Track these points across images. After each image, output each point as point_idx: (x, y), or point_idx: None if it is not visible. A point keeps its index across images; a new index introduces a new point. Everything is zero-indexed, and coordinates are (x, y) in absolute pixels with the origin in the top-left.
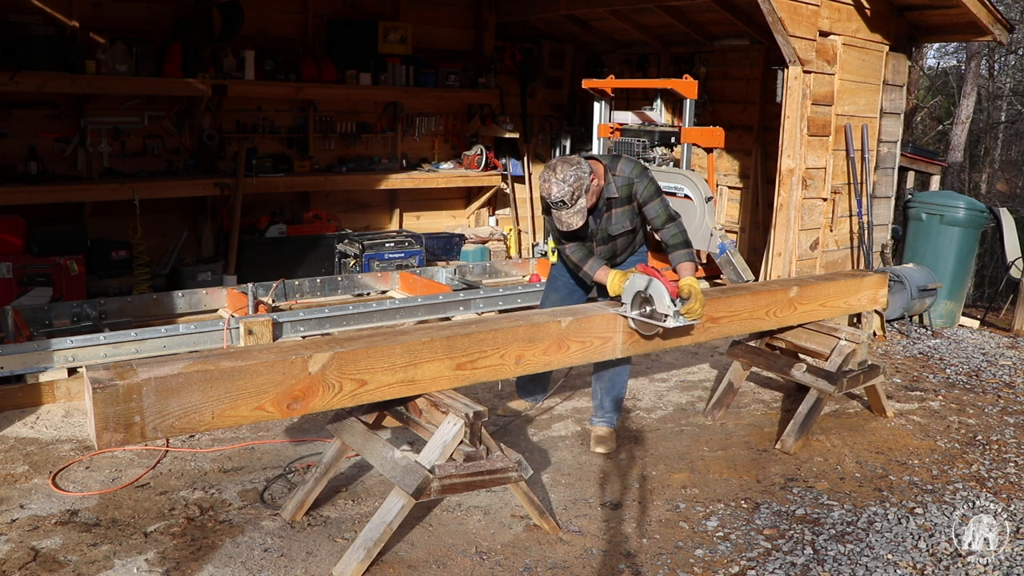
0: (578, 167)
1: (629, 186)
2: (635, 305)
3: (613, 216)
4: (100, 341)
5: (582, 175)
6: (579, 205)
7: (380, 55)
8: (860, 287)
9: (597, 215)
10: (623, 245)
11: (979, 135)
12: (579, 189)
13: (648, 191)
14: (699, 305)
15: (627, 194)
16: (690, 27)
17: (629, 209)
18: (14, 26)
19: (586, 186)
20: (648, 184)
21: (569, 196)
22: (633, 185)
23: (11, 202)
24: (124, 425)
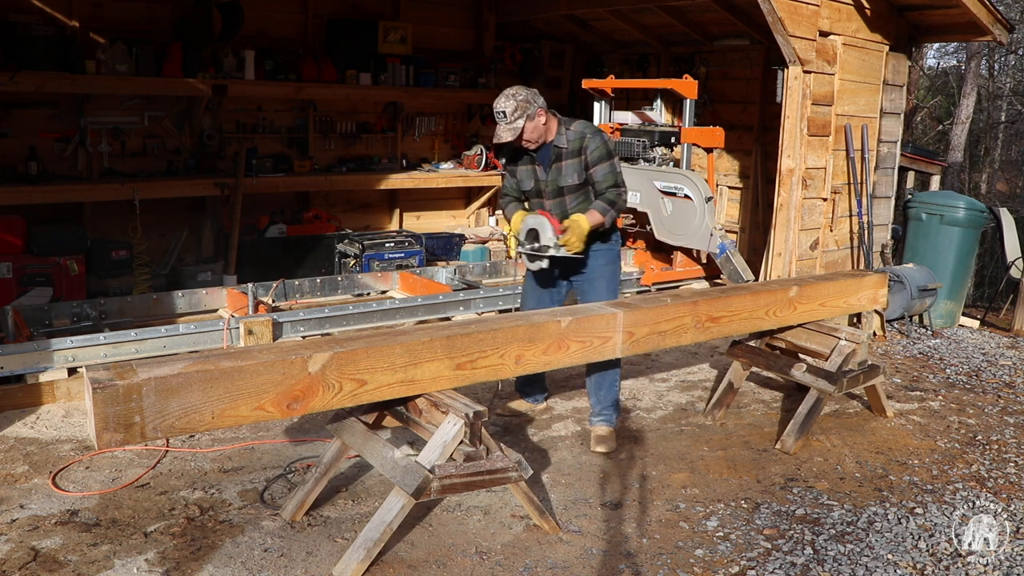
0: (531, 94)
1: (580, 139)
2: (527, 239)
3: (563, 168)
4: (100, 341)
5: (531, 100)
6: (517, 124)
7: (380, 55)
8: (860, 287)
9: (547, 166)
10: (575, 210)
11: (979, 135)
12: (523, 109)
13: (600, 151)
14: (575, 238)
15: (577, 147)
16: (690, 27)
17: (578, 162)
18: (14, 26)
19: (531, 112)
20: (601, 144)
21: (512, 109)
22: (585, 139)
23: (11, 202)
24: (124, 425)
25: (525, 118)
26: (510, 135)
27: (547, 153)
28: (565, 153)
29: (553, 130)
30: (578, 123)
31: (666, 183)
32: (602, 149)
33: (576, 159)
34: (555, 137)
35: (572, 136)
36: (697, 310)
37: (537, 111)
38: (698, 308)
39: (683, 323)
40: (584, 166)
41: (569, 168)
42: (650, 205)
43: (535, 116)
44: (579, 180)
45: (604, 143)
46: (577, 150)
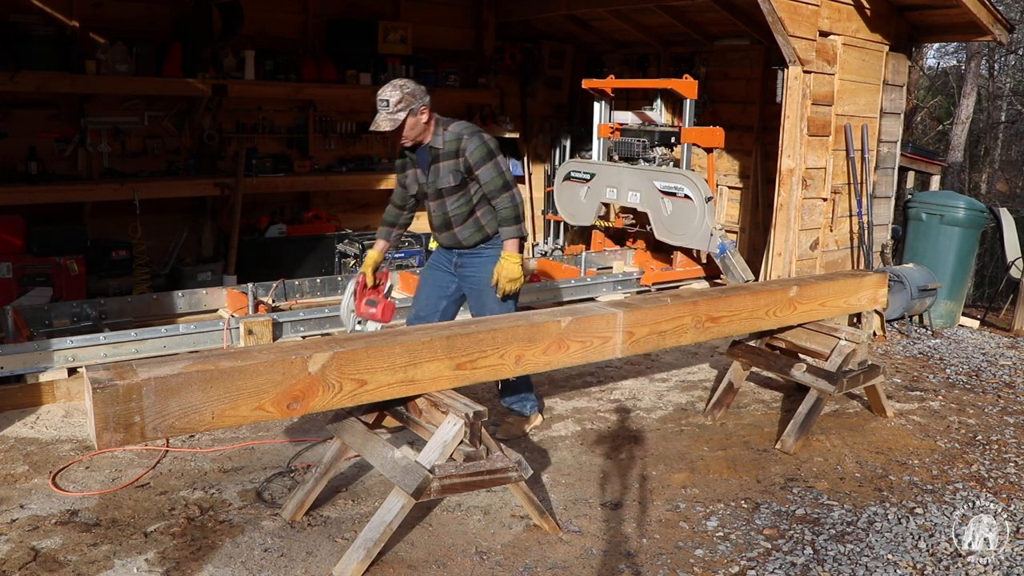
0: (419, 90)
1: (457, 141)
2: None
3: (440, 169)
4: (100, 341)
5: (417, 94)
6: (398, 116)
7: (380, 55)
8: (860, 287)
9: (425, 168)
10: (456, 212)
11: (979, 135)
12: (408, 102)
13: (479, 152)
14: (507, 283)
15: (454, 148)
16: (690, 27)
17: (454, 164)
18: (14, 26)
19: (415, 107)
20: (480, 145)
21: (396, 100)
22: (461, 141)
23: (11, 202)
24: (124, 425)
25: (408, 112)
26: (389, 125)
27: (424, 155)
28: (441, 155)
29: (431, 131)
30: (456, 123)
31: (666, 183)
32: (482, 149)
33: (453, 160)
34: (431, 138)
35: (448, 137)
36: (697, 310)
37: (421, 108)
38: (698, 308)
39: (683, 323)
40: (465, 168)
41: (445, 170)
42: (650, 205)
43: (418, 113)
44: (456, 182)
45: (484, 143)
46: (454, 151)
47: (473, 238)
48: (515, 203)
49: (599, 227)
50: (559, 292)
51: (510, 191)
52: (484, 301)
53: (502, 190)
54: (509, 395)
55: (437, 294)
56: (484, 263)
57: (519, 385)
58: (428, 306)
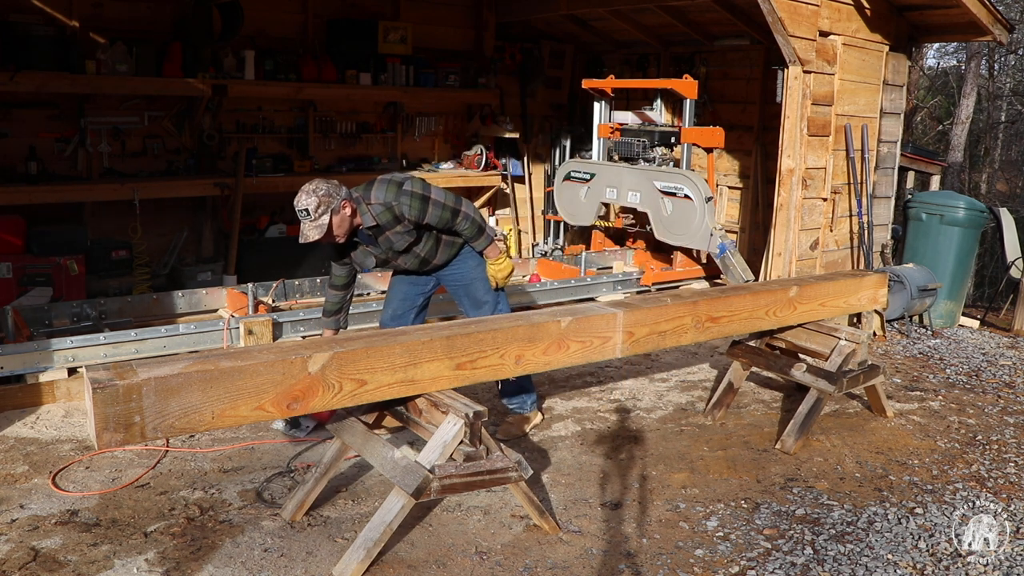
0: (332, 187)
1: (389, 211)
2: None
3: (391, 237)
4: (100, 341)
5: (333, 194)
6: (322, 221)
7: (380, 55)
8: (860, 287)
9: (372, 243)
10: (427, 252)
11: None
12: (326, 204)
13: (414, 209)
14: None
15: (391, 218)
16: (690, 27)
17: (401, 228)
18: (14, 26)
19: (335, 206)
20: (411, 201)
21: (315, 206)
22: (393, 209)
23: (11, 202)
24: (124, 425)
25: (330, 213)
26: (317, 233)
27: (364, 235)
28: (381, 227)
29: (358, 215)
30: (376, 190)
31: (666, 183)
32: (415, 204)
33: (398, 226)
34: (363, 220)
35: (378, 211)
36: (697, 310)
37: (342, 203)
38: (698, 308)
39: (683, 323)
40: (414, 225)
41: (396, 236)
42: (650, 205)
43: (340, 209)
44: (413, 238)
45: (412, 196)
46: (393, 219)
47: (447, 256)
48: (471, 220)
49: (599, 227)
50: (559, 292)
51: (460, 211)
52: (473, 292)
53: (453, 217)
54: (510, 394)
55: (415, 291)
56: (462, 259)
57: (520, 383)
58: (405, 303)
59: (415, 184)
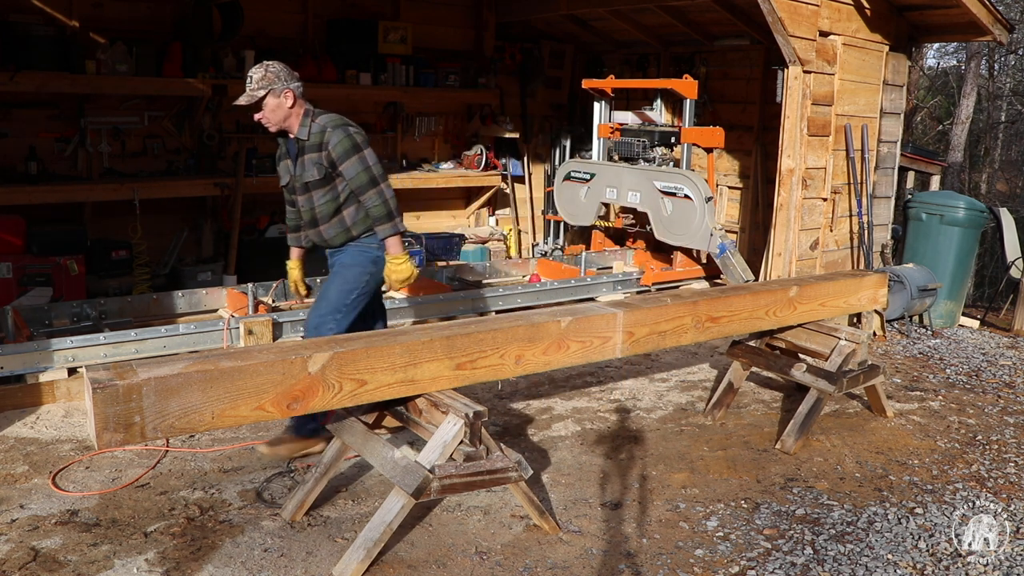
0: (286, 73)
1: (321, 133)
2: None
3: (305, 162)
4: (100, 341)
5: (282, 76)
6: (257, 93)
7: (380, 55)
8: (860, 287)
9: (294, 160)
10: (323, 210)
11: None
12: (270, 82)
13: (342, 145)
14: (397, 283)
15: (318, 142)
16: (690, 27)
17: (318, 157)
18: (14, 26)
19: (276, 88)
20: (344, 138)
21: (259, 77)
22: (326, 133)
23: (11, 202)
24: (124, 425)
25: (268, 91)
26: (245, 100)
27: (292, 146)
28: (307, 147)
29: (298, 121)
30: (325, 116)
31: (666, 183)
32: (346, 142)
33: (317, 154)
34: (299, 129)
35: (315, 129)
36: (697, 310)
37: (285, 91)
38: (698, 308)
39: (683, 323)
40: (329, 163)
41: (310, 163)
42: (650, 205)
43: (281, 95)
44: (320, 176)
45: (348, 136)
46: (318, 144)
47: (339, 238)
48: (384, 199)
49: (599, 227)
50: (559, 292)
51: (377, 187)
52: (327, 285)
53: (368, 186)
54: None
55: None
56: (356, 250)
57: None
58: None
59: (359, 135)
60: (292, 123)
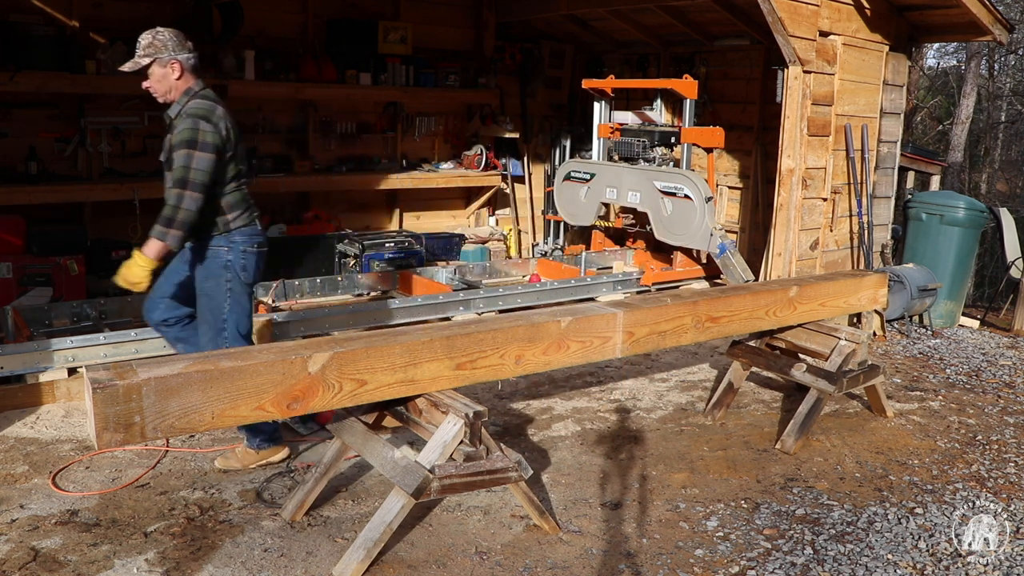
0: (176, 43)
1: (180, 118)
2: None
3: (165, 141)
4: (100, 341)
5: (171, 46)
6: (141, 61)
7: (380, 55)
8: (860, 287)
9: (167, 132)
10: (168, 193)
11: (979, 135)
12: (155, 48)
13: (182, 135)
14: (120, 280)
15: (174, 124)
16: (690, 27)
17: (168, 139)
18: (14, 26)
19: (163, 58)
20: (187, 129)
21: (146, 44)
22: (182, 116)
23: (11, 202)
24: (124, 425)
25: (154, 60)
26: (129, 66)
27: (168, 121)
28: (171, 126)
29: (178, 97)
30: (198, 101)
31: (666, 183)
32: (185, 134)
33: (169, 135)
34: (172, 105)
35: (182, 110)
36: (697, 310)
37: (171, 61)
38: (698, 308)
39: (683, 323)
40: (168, 147)
41: (166, 143)
42: (650, 205)
43: (166, 64)
44: (164, 159)
45: (191, 128)
46: (173, 127)
47: (209, 244)
48: (178, 204)
49: (599, 227)
50: (559, 292)
51: (183, 189)
52: (201, 306)
53: (176, 184)
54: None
55: (169, 279)
56: (204, 262)
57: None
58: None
59: (208, 133)
60: (173, 96)
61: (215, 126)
